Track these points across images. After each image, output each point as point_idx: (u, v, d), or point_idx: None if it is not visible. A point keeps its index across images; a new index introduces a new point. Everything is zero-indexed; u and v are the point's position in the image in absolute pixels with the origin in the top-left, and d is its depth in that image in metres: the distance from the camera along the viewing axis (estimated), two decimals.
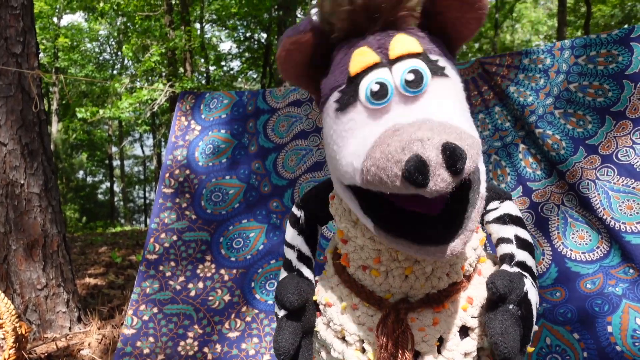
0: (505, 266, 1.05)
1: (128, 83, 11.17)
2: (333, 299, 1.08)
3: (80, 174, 24.91)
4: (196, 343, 2.06)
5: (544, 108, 1.84)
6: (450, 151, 0.70)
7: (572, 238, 1.81)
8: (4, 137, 2.85)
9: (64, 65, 14.78)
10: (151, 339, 2.06)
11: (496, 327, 0.91)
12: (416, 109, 0.84)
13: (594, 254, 1.77)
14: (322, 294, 1.12)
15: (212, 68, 16.59)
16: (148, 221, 22.26)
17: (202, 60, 15.99)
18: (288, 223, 1.24)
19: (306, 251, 1.21)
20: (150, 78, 15.10)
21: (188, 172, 2.18)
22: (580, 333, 1.76)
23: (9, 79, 2.86)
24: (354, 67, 0.88)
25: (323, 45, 0.94)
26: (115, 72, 18.17)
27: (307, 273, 1.19)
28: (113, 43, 17.95)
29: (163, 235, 2.14)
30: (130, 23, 13.86)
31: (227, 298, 2.10)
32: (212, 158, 2.18)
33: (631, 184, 1.73)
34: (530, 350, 1.04)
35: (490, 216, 1.14)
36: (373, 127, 0.84)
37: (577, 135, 1.80)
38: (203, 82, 15.14)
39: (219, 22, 15.63)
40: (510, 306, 0.94)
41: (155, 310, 2.09)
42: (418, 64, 0.86)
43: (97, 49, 17.96)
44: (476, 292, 1.03)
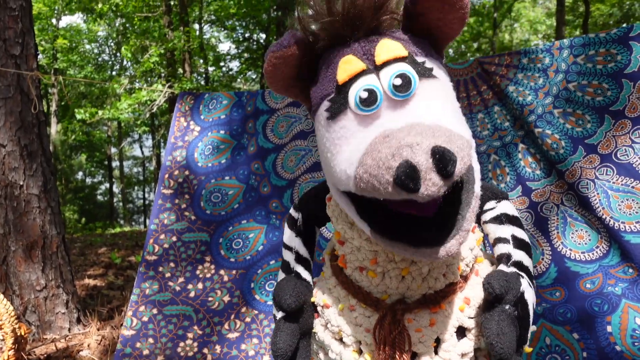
0: (502, 266, 1.05)
1: (127, 84, 11.17)
2: (331, 301, 1.08)
3: (79, 175, 24.92)
4: (196, 344, 2.06)
5: (543, 107, 1.84)
6: (439, 155, 0.71)
7: (572, 238, 1.80)
8: (3, 139, 2.85)
9: (63, 66, 14.78)
10: (151, 340, 2.06)
11: (492, 328, 0.91)
12: (406, 113, 0.85)
13: (594, 254, 1.77)
14: (320, 296, 1.12)
15: (211, 69, 16.59)
16: (147, 222, 22.24)
17: (201, 60, 16.00)
18: (286, 225, 1.24)
19: (304, 253, 1.21)
20: (149, 79, 15.10)
21: (187, 173, 2.17)
22: (579, 333, 1.76)
23: (8, 81, 2.85)
24: (342, 76, 0.89)
25: (308, 54, 0.95)
26: (114, 73, 18.18)
27: (305, 275, 1.19)
28: (112, 44, 17.95)
29: (162, 236, 2.13)
30: (129, 24, 13.86)
31: (227, 299, 2.10)
32: (212, 159, 2.18)
33: (630, 183, 1.73)
34: (528, 350, 1.04)
35: (487, 216, 1.14)
36: (365, 134, 0.85)
37: (577, 134, 1.80)
38: (202, 83, 15.15)
39: (218, 23, 15.64)
40: (506, 306, 0.94)
41: (154, 311, 2.09)
42: (405, 68, 0.87)
43: (96, 50, 17.97)
44: (473, 293, 1.03)
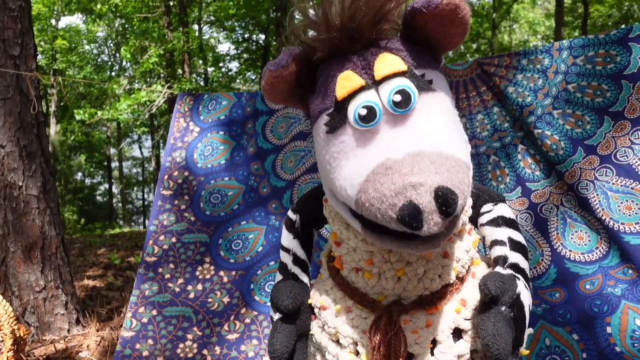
0: (498, 268, 1.06)
1: (126, 84, 11.17)
2: (327, 302, 1.09)
3: (78, 176, 24.91)
4: (195, 345, 2.06)
5: (543, 108, 1.84)
6: (442, 197, 0.74)
7: (571, 238, 1.80)
8: (2, 139, 2.85)
9: (62, 67, 14.77)
10: (150, 341, 2.06)
11: (488, 329, 0.91)
12: (405, 131, 0.85)
13: (593, 255, 1.77)
14: (317, 297, 1.12)
15: (211, 69, 16.60)
16: (146, 222, 22.29)
17: (201, 61, 16.00)
18: (284, 227, 1.25)
19: (301, 255, 1.21)
20: (148, 79, 15.11)
21: (187, 174, 2.17)
22: (579, 334, 1.76)
23: (7, 81, 2.85)
24: (340, 92, 0.89)
25: (306, 66, 0.95)
26: (113, 74, 18.17)
27: (303, 276, 1.20)
28: (111, 45, 17.93)
29: (162, 237, 2.13)
30: (128, 25, 13.86)
31: (226, 300, 2.09)
32: (211, 159, 2.18)
33: (630, 184, 1.73)
34: (525, 352, 1.04)
35: (484, 218, 1.14)
36: (364, 152, 0.86)
37: (576, 135, 1.80)
38: (201, 84, 15.14)
39: (217, 24, 15.65)
40: (502, 308, 0.94)
41: (154, 312, 2.09)
42: (404, 83, 0.87)
43: (95, 51, 17.96)
44: (469, 294, 1.03)
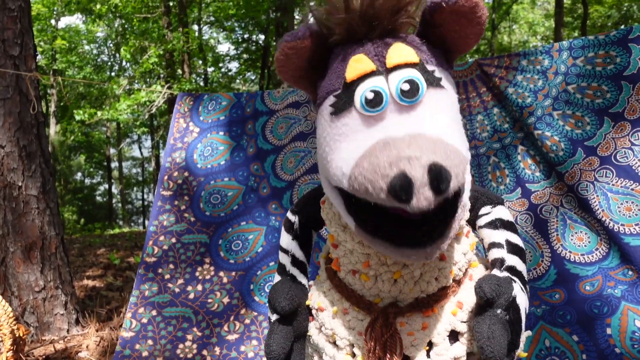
0: (495, 271, 1.05)
1: (126, 85, 11.17)
2: (325, 304, 1.09)
3: (78, 176, 24.89)
4: (195, 346, 2.06)
5: (543, 109, 1.84)
6: (436, 172, 0.73)
7: (571, 240, 1.80)
8: (2, 140, 2.84)
9: (62, 67, 14.78)
10: (150, 342, 2.06)
11: (483, 331, 0.91)
12: (410, 120, 0.85)
13: (593, 256, 1.77)
14: (315, 299, 1.12)
15: (210, 69, 16.61)
16: (146, 223, 22.29)
17: (200, 61, 16.00)
18: (283, 228, 1.25)
19: (300, 256, 1.21)
20: (148, 80, 15.10)
21: (187, 175, 2.17)
22: (579, 335, 1.76)
23: (7, 81, 2.85)
24: (350, 74, 0.89)
25: (321, 47, 0.95)
26: (113, 74, 18.17)
27: (301, 277, 1.19)
28: (111, 45, 17.93)
29: (162, 237, 2.13)
30: (128, 25, 13.86)
31: (226, 300, 2.09)
32: (211, 160, 2.18)
33: (630, 186, 1.73)
34: (523, 355, 1.04)
35: (482, 221, 1.14)
36: (366, 135, 0.85)
37: (576, 136, 1.80)
38: (201, 84, 15.14)
39: (217, 24, 15.64)
40: (498, 310, 0.94)
41: (154, 313, 2.09)
42: (414, 74, 0.87)
43: (95, 51, 17.96)
44: (466, 297, 1.03)
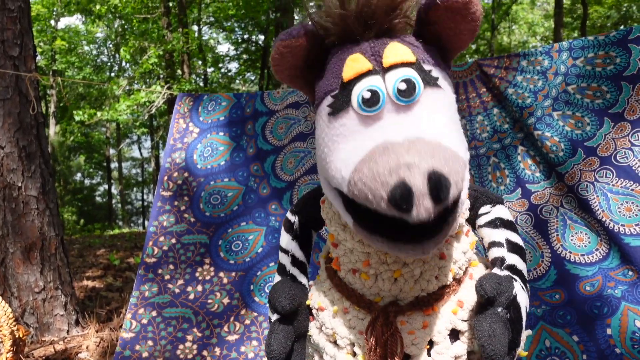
0: (495, 269, 1.06)
1: (126, 85, 11.16)
2: (325, 303, 1.09)
3: (78, 177, 24.88)
4: (195, 346, 2.06)
5: (543, 110, 1.84)
6: (435, 180, 0.72)
7: (571, 240, 1.80)
8: (2, 140, 2.84)
9: (62, 67, 14.78)
10: (150, 343, 2.06)
11: (484, 330, 0.91)
12: (408, 120, 0.85)
13: (593, 256, 1.77)
14: (315, 298, 1.12)
15: (210, 70, 16.61)
16: (146, 223, 22.28)
17: (200, 62, 16.00)
18: (282, 228, 1.25)
19: (300, 256, 1.21)
20: (147, 80, 15.10)
21: (187, 175, 2.17)
22: (579, 335, 1.76)
23: (6, 82, 2.85)
24: (347, 73, 0.89)
25: (317, 48, 0.95)
26: (112, 75, 18.18)
27: (301, 277, 1.20)
28: (110, 45, 17.94)
29: (162, 238, 2.13)
30: (127, 25, 13.86)
31: (226, 301, 2.09)
32: (211, 160, 2.18)
33: (630, 186, 1.73)
34: (523, 354, 1.03)
35: (481, 220, 1.14)
36: (364, 135, 0.85)
37: (576, 137, 1.80)
38: (201, 84, 15.14)
39: (217, 24, 15.64)
40: (498, 309, 0.94)
41: (154, 313, 2.09)
42: (411, 73, 0.87)
43: (95, 52, 17.96)
44: (467, 296, 1.03)
